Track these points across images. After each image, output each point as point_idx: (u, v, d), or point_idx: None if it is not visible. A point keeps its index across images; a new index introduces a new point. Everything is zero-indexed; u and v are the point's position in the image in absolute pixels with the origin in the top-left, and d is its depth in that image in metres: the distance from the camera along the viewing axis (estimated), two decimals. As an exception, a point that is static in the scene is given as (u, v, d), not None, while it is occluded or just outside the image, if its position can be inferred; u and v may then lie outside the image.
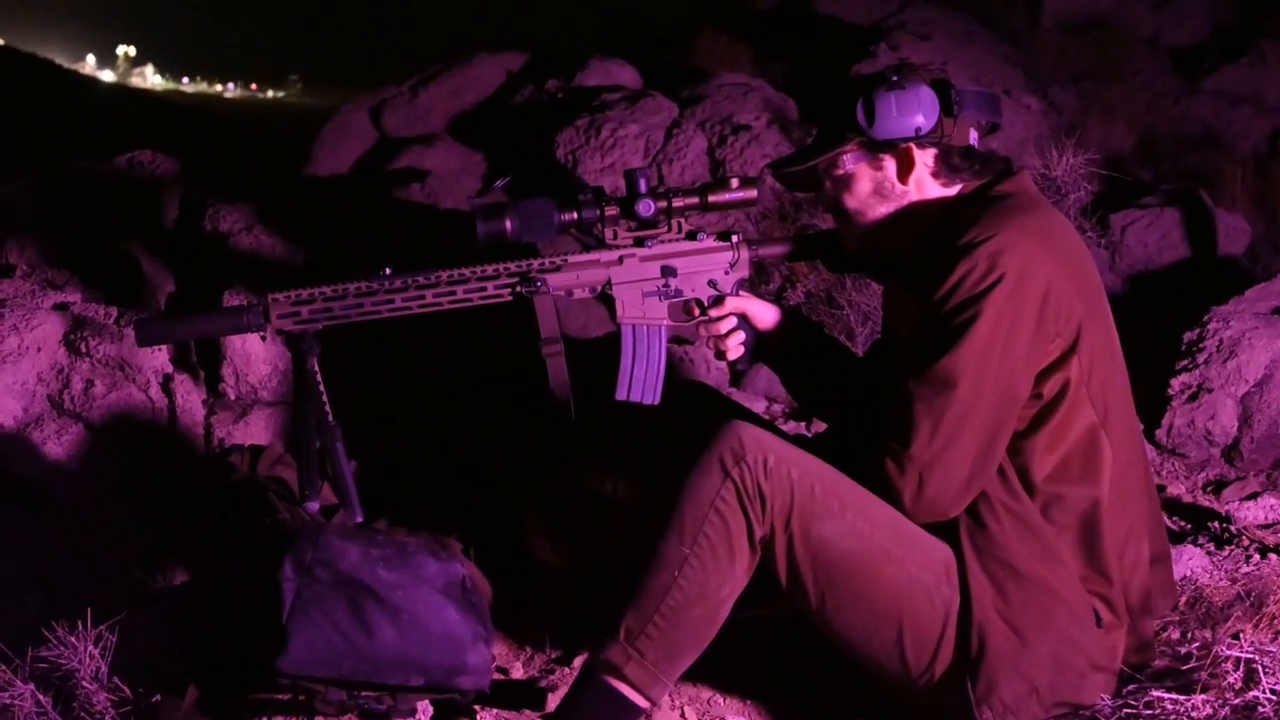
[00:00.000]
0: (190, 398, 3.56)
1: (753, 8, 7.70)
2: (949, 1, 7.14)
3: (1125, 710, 2.24)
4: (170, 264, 4.23)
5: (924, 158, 2.35)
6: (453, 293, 2.51)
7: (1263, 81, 7.00)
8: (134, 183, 4.61)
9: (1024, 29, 7.41)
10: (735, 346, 2.56)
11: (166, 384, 3.52)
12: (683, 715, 2.52)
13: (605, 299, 2.59)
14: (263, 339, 3.68)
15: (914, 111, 2.30)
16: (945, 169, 2.35)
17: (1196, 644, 2.43)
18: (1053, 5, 7.59)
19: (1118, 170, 5.48)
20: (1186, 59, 7.38)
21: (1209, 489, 3.73)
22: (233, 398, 3.72)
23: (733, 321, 2.55)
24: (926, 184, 2.36)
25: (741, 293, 2.58)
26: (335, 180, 5.59)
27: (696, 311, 2.58)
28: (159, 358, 3.53)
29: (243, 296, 3.75)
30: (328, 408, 2.51)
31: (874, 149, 2.35)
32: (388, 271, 2.49)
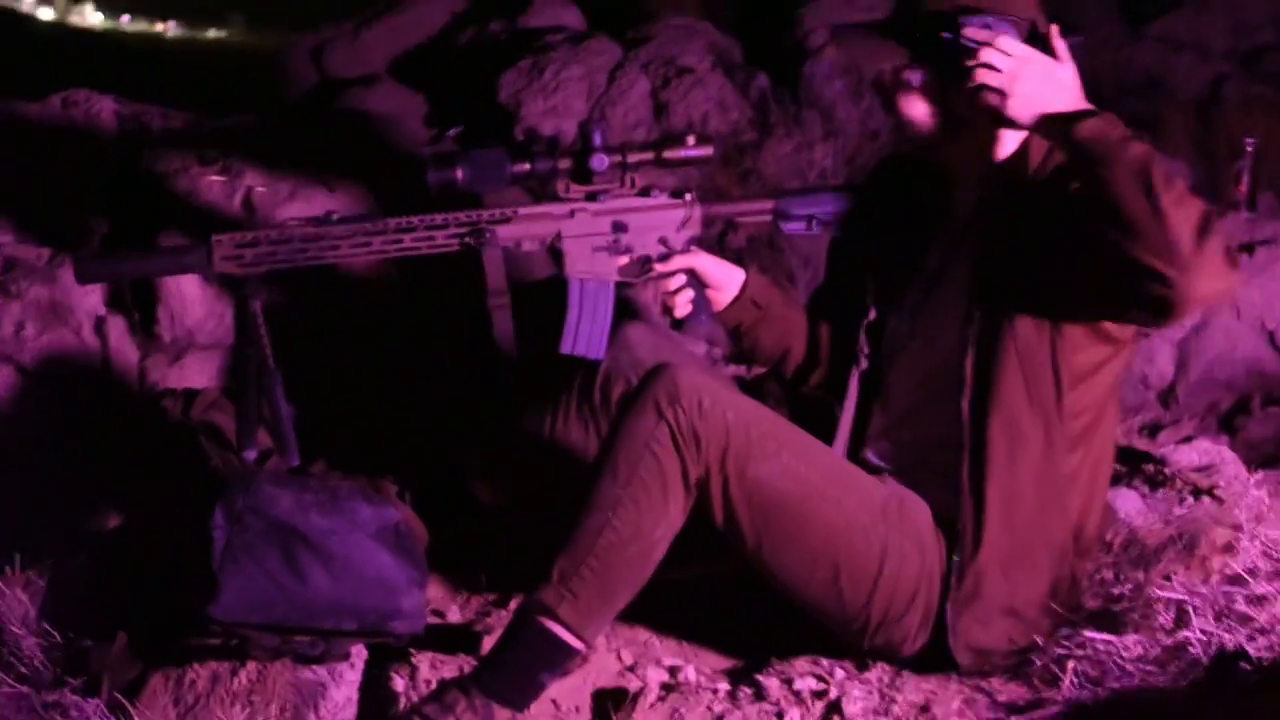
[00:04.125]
0: (124, 341, 3.51)
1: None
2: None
3: (1057, 650, 2.27)
4: (105, 205, 4.16)
5: None
6: (400, 241, 2.46)
7: (1205, 28, 7.01)
8: (69, 122, 4.51)
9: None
10: (683, 304, 2.54)
11: (100, 326, 3.47)
12: (619, 657, 2.51)
13: (554, 252, 2.57)
14: (206, 280, 3.63)
15: None
16: None
17: (1129, 585, 2.47)
18: (995, -52, 7.56)
19: (1061, 116, 5.48)
20: (1131, 4, 7.39)
21: (1144, 432, 3.77)
22: (168, 340, 3.67)
23: (681, 279, 2.54)
24: None
25: (693, 249, 2.56)
26: (275, 121, 5.50)
27: (643, 266, 2.56)
28: (92, 300, 3.48)
29: (179, 240, 3.69)
30: (268, 352, 2.48)
31: None
32: (335, 216, 2.45)
